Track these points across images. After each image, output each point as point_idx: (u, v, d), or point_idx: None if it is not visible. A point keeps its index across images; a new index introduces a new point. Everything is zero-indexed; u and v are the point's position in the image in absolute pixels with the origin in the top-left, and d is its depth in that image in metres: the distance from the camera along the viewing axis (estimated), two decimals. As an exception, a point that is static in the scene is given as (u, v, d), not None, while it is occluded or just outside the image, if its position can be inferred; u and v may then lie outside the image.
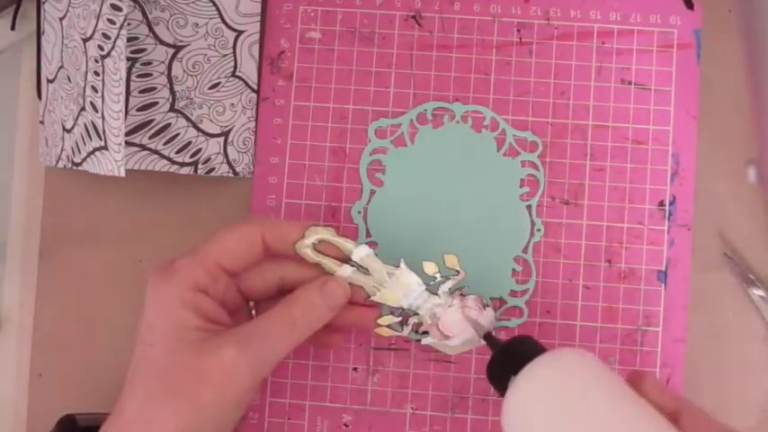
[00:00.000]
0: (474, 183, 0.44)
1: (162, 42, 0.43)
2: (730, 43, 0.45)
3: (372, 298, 0.40)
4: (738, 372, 0.44)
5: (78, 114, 0.42)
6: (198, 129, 0.44)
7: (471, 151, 0.45)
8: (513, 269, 0.44)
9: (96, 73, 0.39)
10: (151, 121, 0.43)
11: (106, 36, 0.38)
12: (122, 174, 0.39)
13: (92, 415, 0.42)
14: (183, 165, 0.44)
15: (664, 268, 0.44)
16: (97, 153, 0.41)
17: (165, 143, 0.44)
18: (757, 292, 0.43)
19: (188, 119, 0.44)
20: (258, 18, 0.45)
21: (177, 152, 0.44)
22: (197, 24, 0.44)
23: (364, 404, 0.44)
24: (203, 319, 0.36)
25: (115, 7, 0.38)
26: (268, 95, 0.46)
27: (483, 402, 0.44)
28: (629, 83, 0.45)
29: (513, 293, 0.44)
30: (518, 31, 0.46)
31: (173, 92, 0.43)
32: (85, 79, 0.40)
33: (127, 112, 0.42)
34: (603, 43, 0.45)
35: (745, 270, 0.44)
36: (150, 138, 0.43)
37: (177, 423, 0.34)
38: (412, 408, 0.44)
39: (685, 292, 0.44)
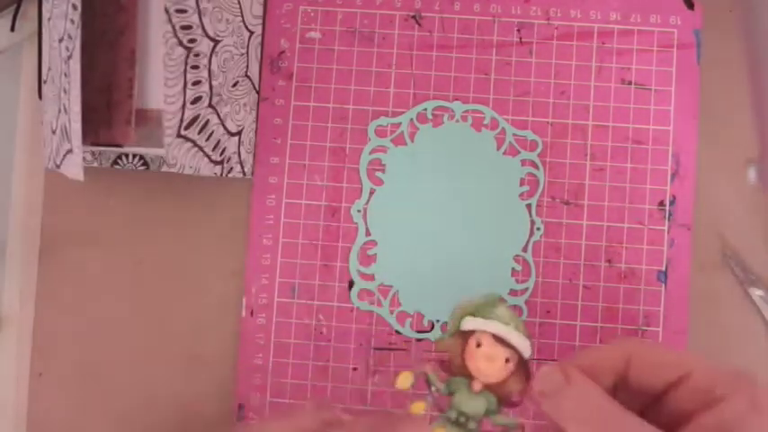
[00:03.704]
0: (474, 181, 0.44)
1: (206, 35, 0.40)
2: (730, 43, 0.45)
3: None
4: (739, 372, 0.44)
5: (58, 116, 0.41)
6: (224, 127, 0.43)
7: (471, 150, 0.45)
8: (513, 268, 0.44)
9: (66, 74, 0.38)
10: (198, 115, 0.41)
11: (70, 37, 0.37)
12: (81, 178, 0.38)
13: None
14: (216, 163, 0.42)
15: (664, 268, 0.44)
16: (68, 155, 0.39)
17: (206, 140, 0.42)
18: (757, 292, 0.43)
19: (218, 116, 0.42)
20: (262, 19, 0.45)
21: (212, 150, 0.42)
22: (228, 20, 0.42)
23: (364, 404, 0.44)
24: None
25: (74, 7, 0.36)
26: (268, 95, 0.46)
27: (483, 402, 0.43)
28: (630, 83, 0.45)
29: (513, 292, 0.44)
30: (518, 31, 0.46)
31: (211, 87, 0.41)
32: (60, 81, 0.39)
33: (184, 104, 0.40)
34: (603, 43, 0.45)
35: (745, 270, 0.44)
36: (198, 133, 0.41)
37: None
38: (412, 408, 0.44)
39: (685, 292, 0.44)
